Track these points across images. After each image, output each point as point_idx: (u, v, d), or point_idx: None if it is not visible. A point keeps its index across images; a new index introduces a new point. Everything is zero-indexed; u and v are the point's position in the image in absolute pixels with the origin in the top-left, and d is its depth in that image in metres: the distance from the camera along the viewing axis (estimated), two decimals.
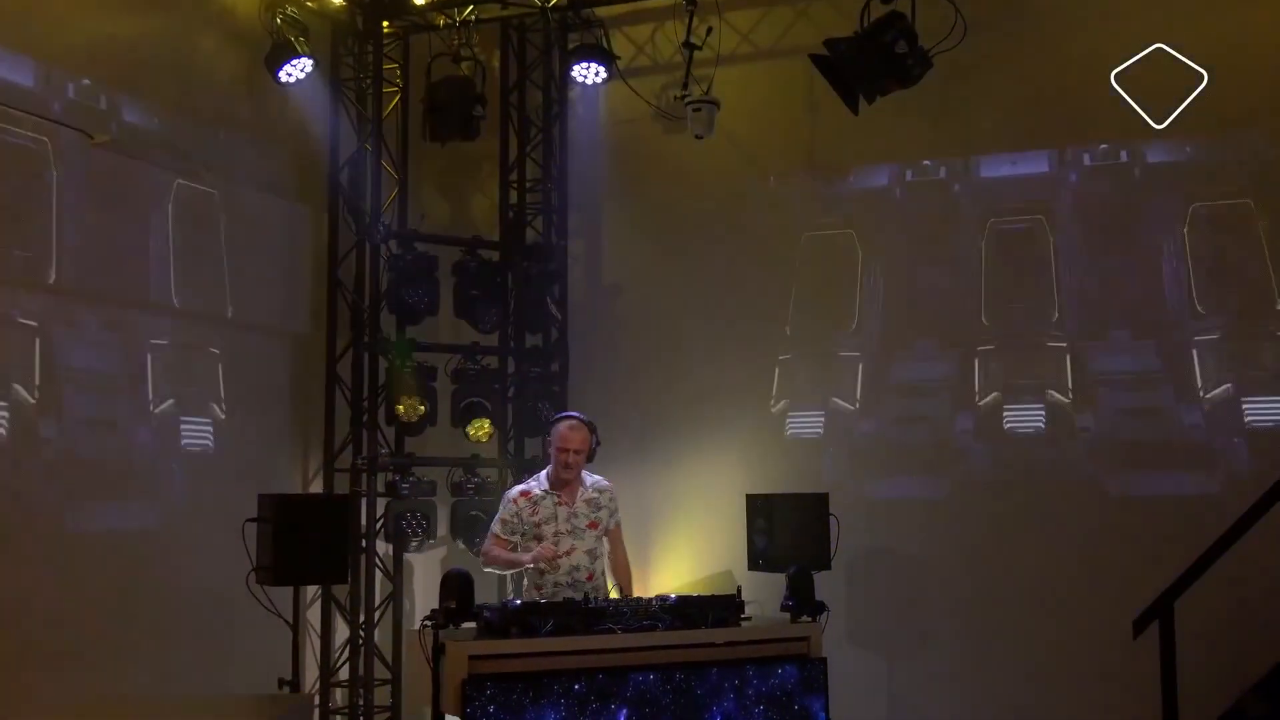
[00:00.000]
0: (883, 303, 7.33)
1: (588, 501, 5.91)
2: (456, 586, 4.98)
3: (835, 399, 7.44)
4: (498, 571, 5.89)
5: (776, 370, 7.58)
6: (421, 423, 7.33)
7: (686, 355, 7.76)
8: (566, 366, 7.91)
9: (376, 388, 7.38)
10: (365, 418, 7.37)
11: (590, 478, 5.99)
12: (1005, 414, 7.04)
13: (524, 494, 5.84)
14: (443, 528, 7.57)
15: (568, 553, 5.79)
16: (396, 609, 7.46)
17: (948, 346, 7.18)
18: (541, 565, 5.74)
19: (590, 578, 5.86)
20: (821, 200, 7.52)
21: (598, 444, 5.96)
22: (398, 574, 7.48)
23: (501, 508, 5.84)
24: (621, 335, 7.95)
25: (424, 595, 7.70)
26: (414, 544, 7.38)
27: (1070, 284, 6.93)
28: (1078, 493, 6.80)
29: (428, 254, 7.47)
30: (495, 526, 5.82)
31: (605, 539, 5.98)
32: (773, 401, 7.59)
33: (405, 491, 7.27)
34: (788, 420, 7.54)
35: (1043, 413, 6.95)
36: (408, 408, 7.19)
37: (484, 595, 5.85)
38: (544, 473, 5.90)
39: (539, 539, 5.78)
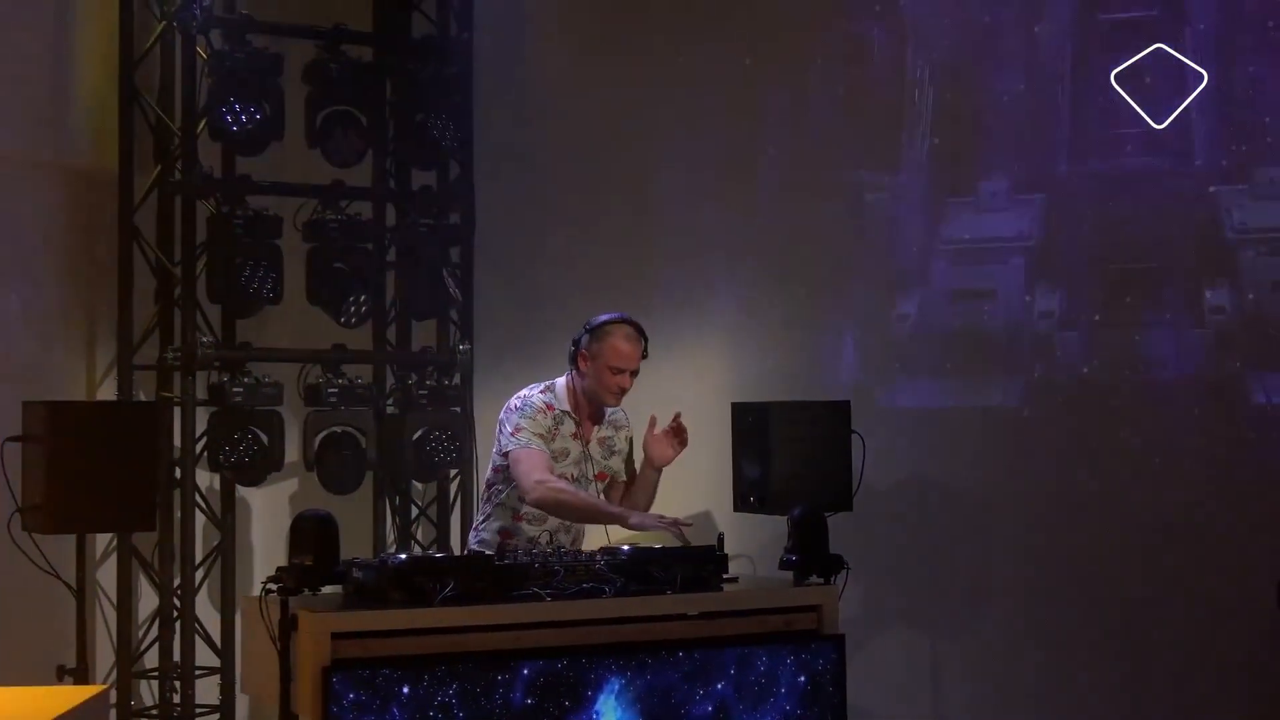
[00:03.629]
0: (933, 125, 7.30)
1: (602, 441, 5.97)
2: (313, 534, 4.98)
3: (863, 265, 7.43)
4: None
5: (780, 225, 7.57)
6: (258, 299, 7.30)
7: (647, 202, 7.73)
8: (472, 217, 7.87)
9: (194, 247, 7.32)
10: (178, 291, 7.32)
11: (608, 409, 6.02)
12: (1105, 288, 7.05)
13: (548, 407, 5.87)
14: (293, 451, 7.57)
15: None
16: (227, 567, 7.48)
17: (1026, 189, 7.16)
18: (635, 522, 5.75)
19: (576, 542, 5.95)
20: None
21: (644, 355, 5.93)
22: (228, 517, 7.49)
23: (523, 421, 5.81)
24: (553, 172, 7.89)
25: (266, 547, 7.73)
26: (252, 474, 7.39)
27: (1206, 100, 6.90)
28: (1207, 399, 6.85)
29: (267, 51, 7.38)
30: (532, 442, 5.77)
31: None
32: (772, 272, 7.58)
33: (238, 398, 7.26)
34: (794, 296, 7.54)
35: (1160, 285, 6.96)
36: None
37: (354, 546, 5.85)
38: (561, 383, 5.92)
39: None
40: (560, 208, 7.86)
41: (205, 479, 7.47)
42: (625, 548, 5.42)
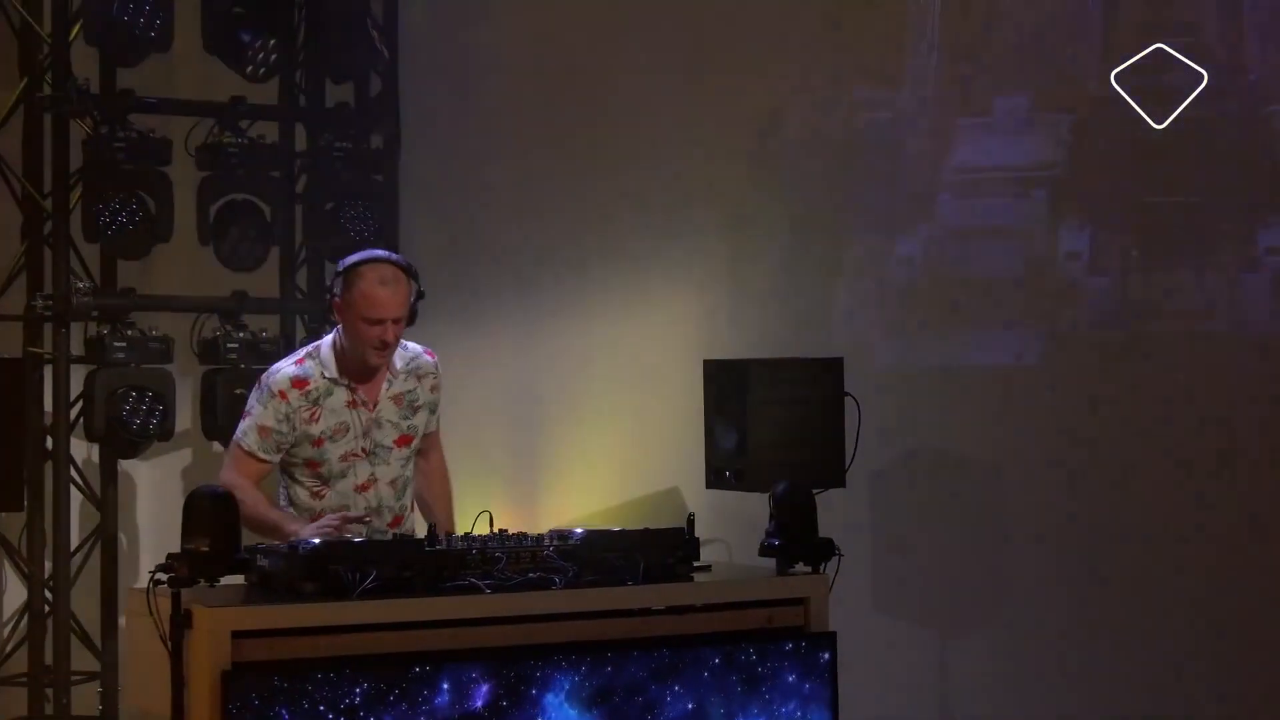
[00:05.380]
0: (939, 30, 7.29)
1: (397, 399, 5.80)
2: (210, 515, 4.95)
3: (858, 200, 7.43)
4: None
5: (759, 151, 7.55)
6: (144, 237, 7.28)
7: (605, 126, 7.73)
8: (397, 141, 7.86)
9: (67, 175, 7.28)
10: (48, 227, 7.28)
11: (404, 348, 5.84)
12: (1141, 225, 7.06)
13: (298, 384, 5.70)
14: (185, 417, 7.58)
15: (363, 487, 5.79)
16: (107, 554, 7.46)
17: (1050, 108, 7.15)
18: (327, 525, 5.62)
19: (397, 523, 5.84)
20: None
21: (419, 297, 5.70)
22: (109, 495, 7.46)
23: (256, 405, 5.69)
24: (494, 88, 7.87)
25: (155, 531, 7.72)
26: (137, 444, 7.36)
27: (1261, 3, 6.90)
28: (1262, 354, 6.85)
29: None
30: (246, 438, 5.68)
31: (413, 460, 5.92)
32: (750, 206, 7.56)
33: (121, 355, 7.24)
34: (775, 236, 7.53)
35: (1207, 222, 6.97)
36: None
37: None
38: (325, 343, 5.76)
39: (315, 465, 5.72)
40: (502, 130, 7.84)
41: (82, 450, 7.45)
42: (578, 530, 5.40)
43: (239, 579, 5.07)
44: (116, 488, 7.47)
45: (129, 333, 7.28)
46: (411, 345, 5.84)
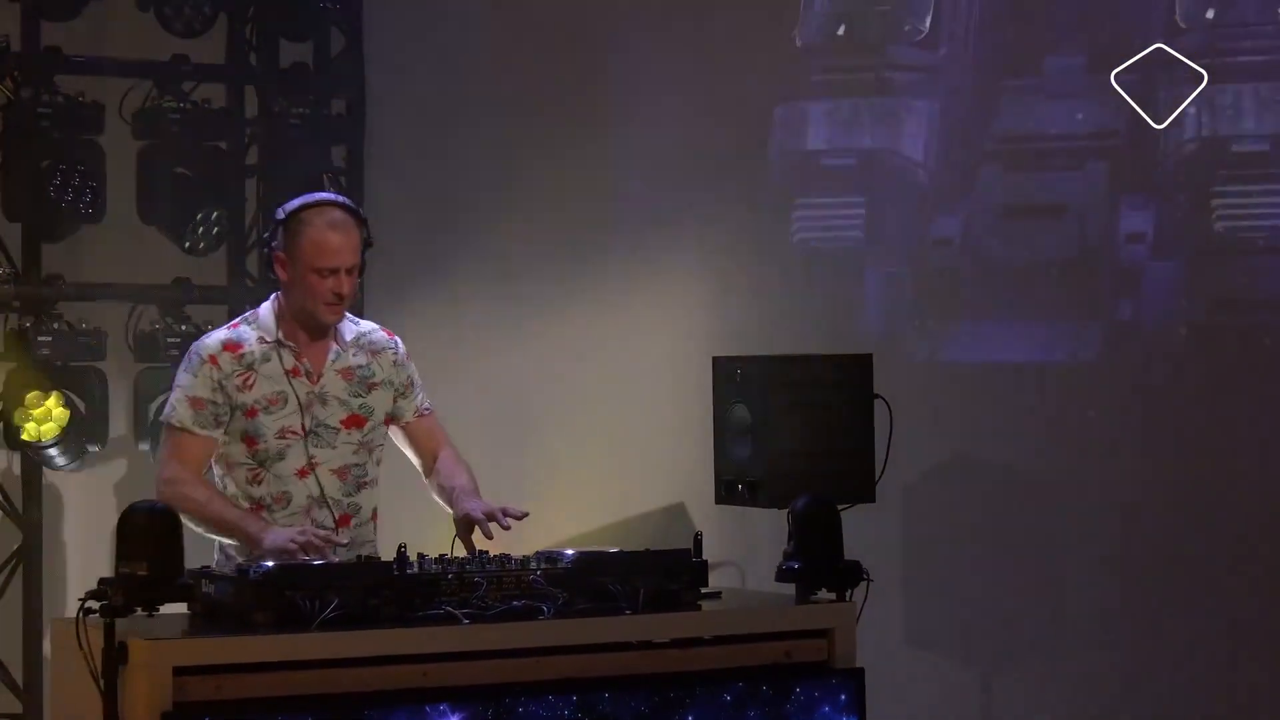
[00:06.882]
0: None
1: (345, 373, 5.80)
2: (149, 534, 4.95)
3: (889, 173, 7.43)
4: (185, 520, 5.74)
5: (775, 116, 7.58)
6: (72, 216, 7.33)
7: (596, 86, 7.75)
8: (362, 105, 7.87)
9: None
10: None
11: (354, 324, 5.89)
12: (1214, 201, 7.06)
13: (230, 348, 5.73)
14: (120, 423, 7.62)
15: (302, 472, 5.78)
16: (31, 578, 7.48)
17: (1103, 67, 7.16)
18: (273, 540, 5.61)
19: (346, 522, 5.81)
20: None
21: (368, 245, 5.75)
22: (33, 511, 7.48)
23: (184, 375, 5.71)
24: (473, 45, 7.87)
25: (85, 552, 7.72)
26: (64, 454, 7.41)
27: None
28: None
29: None
30: (176, 413, 5.70)
31: (375, 451, 5.92)
32: (766, 178, 7.57)
33: (46, 351, 7.26)
34: (794, 214, 7.55)
35: None
36: None
37: (203, 551, 5.82)
38: (264, 307, 5.81)
39: (252, 441, 5.74)
40: (481, 94, 7.84)
41: (1, 459, 7.44)
42: (569, 552, 5.40)
43: (182, 608, 5.07)
44: (41, 503, 7.48)
45: (55, 326, 7.28)
46: (364, 321, 5.88)
